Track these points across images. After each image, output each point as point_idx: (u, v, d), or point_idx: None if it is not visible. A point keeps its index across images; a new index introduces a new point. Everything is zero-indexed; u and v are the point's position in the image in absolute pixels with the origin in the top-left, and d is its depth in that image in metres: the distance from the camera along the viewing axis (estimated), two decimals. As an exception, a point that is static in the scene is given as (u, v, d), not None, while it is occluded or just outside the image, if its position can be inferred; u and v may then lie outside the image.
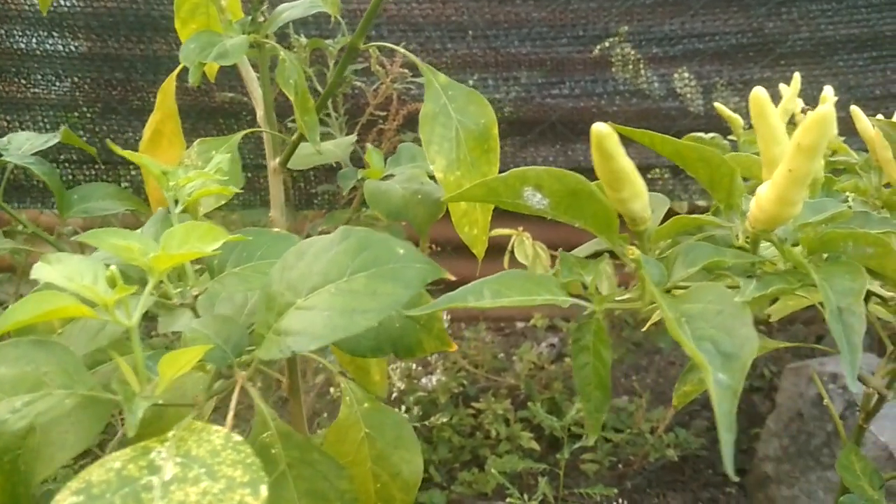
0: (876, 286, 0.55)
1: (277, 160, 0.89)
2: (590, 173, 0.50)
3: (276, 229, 0.54)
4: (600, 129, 0.40)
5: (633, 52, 1.54)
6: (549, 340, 2.68)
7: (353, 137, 1.02)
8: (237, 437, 0.38)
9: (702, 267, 0.41)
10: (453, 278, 0.46)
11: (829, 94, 1.15)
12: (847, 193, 0.75)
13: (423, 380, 2.29)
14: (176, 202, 0.55)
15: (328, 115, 1.32)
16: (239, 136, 0.83)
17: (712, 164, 0.49)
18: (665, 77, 1.59)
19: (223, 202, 0.77)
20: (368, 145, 0.93)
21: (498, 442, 2.15)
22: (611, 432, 2.20)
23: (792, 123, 1.17)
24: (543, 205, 0.46)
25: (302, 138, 0.85)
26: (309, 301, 0.41)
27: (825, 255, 0.46)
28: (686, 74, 1.59)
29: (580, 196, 0.45)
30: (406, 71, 1.26)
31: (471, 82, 1.54)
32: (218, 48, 0.79)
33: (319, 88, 1.33)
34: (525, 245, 1.66)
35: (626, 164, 0.41)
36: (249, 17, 0.86)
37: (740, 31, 1.57)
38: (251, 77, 0.92)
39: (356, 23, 0.86)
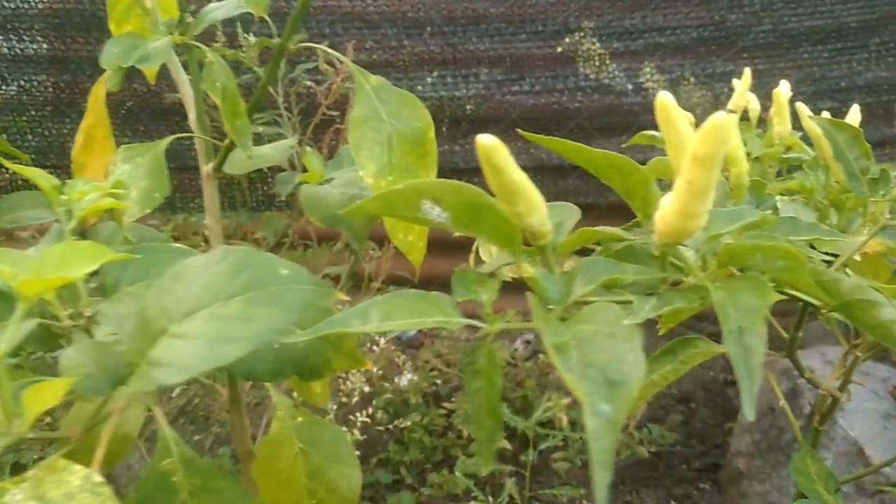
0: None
1: (211, 165, 0.86)
2: (555, 172, 0.47)
3: (176, 244, 0.51)
4: (486, 141, 0.37)
5: (593, 48, 1.52)
6: (524, 337, 2.65)
7: (293, 140, 0.99)
8: (97, 478, 0.35)
9: (601, 284, 0.39)
10: (346, 298, 0.43)
11: (784, 89, 1.13)
12: (778, 196, 0.73)
13: (396, 379, 2.27)
14: (70, 217, 0.52)
15: (279, 115, 1.29)
16: (165, 142, 0.80)
17: (625, 171, 0.46)
18: (627, 72, 1.57)
19: (148, 210, 0.74)
20: (306, 147, 0.90)
21: (469, 442, 2.13)
22: (582, 430, 2.18)
23: (746, 119, 1.16)
24: (443, 218, 0.44)
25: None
26: (182, 328, 0.38)
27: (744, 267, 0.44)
28: (648, 69, 1.57)
29: (480, 209, 0.43)
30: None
31: (430, 80, 1.51)
32: (140, 52, 0.76)
33: (271, 89, 1.30)
34: (489, 244, 1.63)
35: (519, 178, 0.39)
36: (177, 19, 0.83)
37: (702, 24, 1.55)
38: (182, 79, 0.89)
39: (307, 20, 0.83)
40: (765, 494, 1.95)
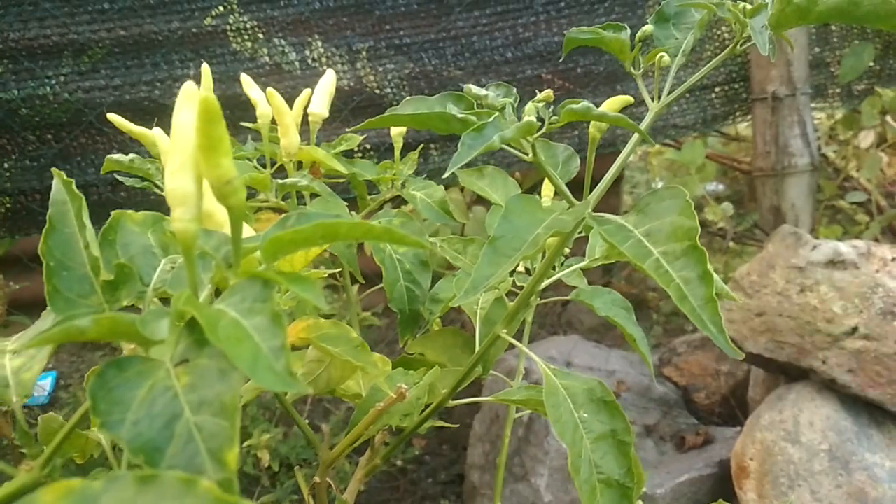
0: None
1: None
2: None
3: None
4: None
5: (184, 27, 1.21)
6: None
7: None
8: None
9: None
10: None
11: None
12: None
13: None
14: None
15: None
16: None
17: None
18: (235, 56, 1.27)
19: None
20: None
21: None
22: (310, 452, 1.93)
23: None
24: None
25: None
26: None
27: None
28: (266, 50, 1.29)
29: None
30: None
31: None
32: None
33: None
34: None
35: None
36: None
37: (324, -9, 1.27)
38: None
39: None
40: (493, 513, 1.76)
